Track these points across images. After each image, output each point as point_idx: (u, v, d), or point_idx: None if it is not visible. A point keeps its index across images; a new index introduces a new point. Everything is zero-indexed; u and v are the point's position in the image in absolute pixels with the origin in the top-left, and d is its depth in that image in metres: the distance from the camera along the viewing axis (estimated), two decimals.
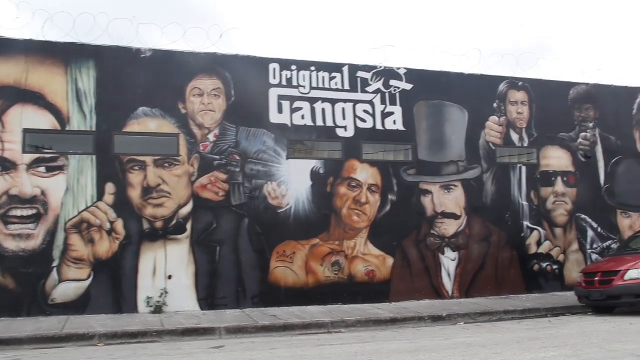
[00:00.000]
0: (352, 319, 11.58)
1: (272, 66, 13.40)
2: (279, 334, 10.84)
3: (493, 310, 12.53)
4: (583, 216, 15.49)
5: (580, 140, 15.77)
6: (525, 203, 14.97)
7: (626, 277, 11.50)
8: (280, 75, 13.43)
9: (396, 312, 12.26)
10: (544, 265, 14.91)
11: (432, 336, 9.95)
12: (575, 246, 15.29)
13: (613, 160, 16.03)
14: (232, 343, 9.66)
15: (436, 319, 11.97)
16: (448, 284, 14.08)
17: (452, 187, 14.35)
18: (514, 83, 15.33)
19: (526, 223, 14.94)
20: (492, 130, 14.93)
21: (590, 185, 15.68)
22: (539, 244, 14.99)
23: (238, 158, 12.95)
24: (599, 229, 15.53)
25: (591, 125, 15.93)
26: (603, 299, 11.81)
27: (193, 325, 10.59)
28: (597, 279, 11.93)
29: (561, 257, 15.08)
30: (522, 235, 14.87)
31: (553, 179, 15.32)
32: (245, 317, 11.63)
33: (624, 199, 15.98)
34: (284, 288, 12.92)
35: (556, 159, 15.43)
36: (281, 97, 13.37)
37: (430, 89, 14.49)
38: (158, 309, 11.85)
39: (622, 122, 16.28)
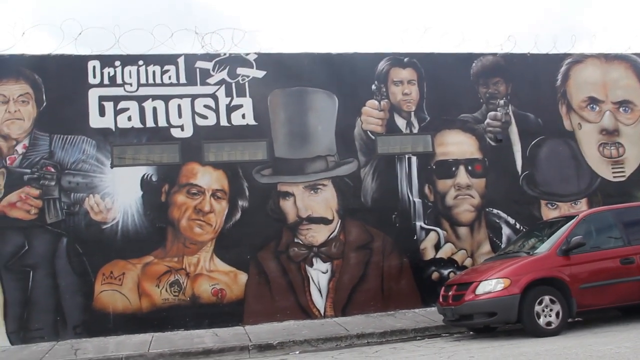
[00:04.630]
0: (156, 351, 9.77)
1: (91, 64, 11.76)
2: None
3: (346, 334, 10.37)
4: (495, 211, 12.98)
5: (488, 120, 13.28)
6: (417, 200, 12.64)
7: (478, 290, 9.03)
8: (102, 74, 11.77)
9: (223, 341, 10.33)
10: (446, 272, 12.50)
11: None
12: (486, 247, 12.80)
13: (533, 142, 13.42)
14: None
15: (264, 348, 9.98)
16: (319, 301, 11.97)
17: (320, 186, 12.24)
18: (398, 59, 13.06)
19: (419, 223, 12.60)
20: (371, 116, 12.72)
21: (504, 174, 13.15)
22: (437, 247, 12.62)
23: (53, 170, 11.37)
24: (517, 225, 12.97)
25: (502, 102, 13.41)
26: (456, 319, 9.41)
27: None
28: (451, 293, 9.57)
29: (468, 262, 12.62)
30: (415, 238, 12.55)
31: (454, 168, 12.90)
32: (40, 353, 10.04)
33: (548, 187, 13.34)
34: (112, 314, 11.19)
35: (457, 145, 13.01)
36: (103, 98, 11.71)
37: (288, 74, 12.45)
38: None
39: (542, 97, 13.64)
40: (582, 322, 10.33)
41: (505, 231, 12.95)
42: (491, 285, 8.94)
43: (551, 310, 8.89)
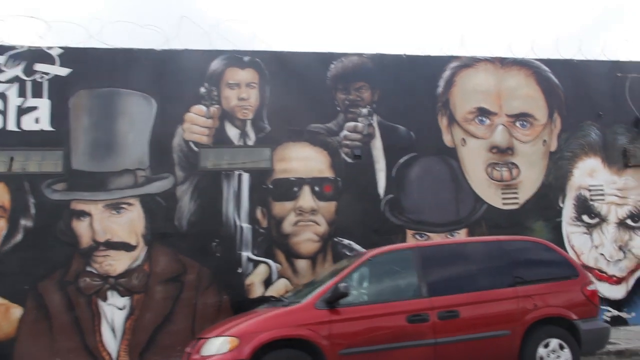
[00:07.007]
0: None
1: None
2: None
3: None
4: (346, 241, 10.72)
5: (345, 132, 11.06)
6: (245, 225, 10.51)
7: (203, 350, 6.81)
8: None
9: None
10: None
11: None
12: None
13: (402, 160, 11.12)
14: None
15: None
16: (111, 343, 9.94)
17: (124, 206, 10.27)
18: (236, 58, 11.01)
19: (246, 254, 10.46)
20: (196, 124, 10.69)
21: (361, 197, 10.89)
22: (267, 283, 10.44)
23: None
24: None
25: (365, 111, 11.16)
26: None
27: None
28: (188, 349, 7.39)
29: None
30: (239, 271, 10.41)
31: (296, 189, 10.73)
32: None
33: (418, 215, 10.99)
34: None
35: (302, 160, 10.83)
36: None
37: (98, 73, 10.58)
38: None
39: (417, 106, 11.33)
40: None
41: None
42: (216, 346, 6.74)
43: None
